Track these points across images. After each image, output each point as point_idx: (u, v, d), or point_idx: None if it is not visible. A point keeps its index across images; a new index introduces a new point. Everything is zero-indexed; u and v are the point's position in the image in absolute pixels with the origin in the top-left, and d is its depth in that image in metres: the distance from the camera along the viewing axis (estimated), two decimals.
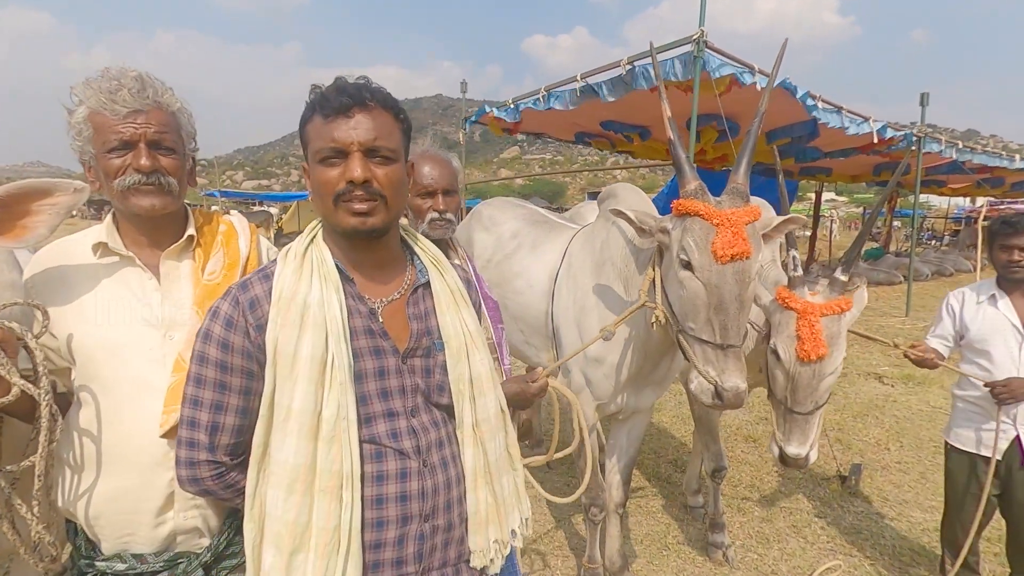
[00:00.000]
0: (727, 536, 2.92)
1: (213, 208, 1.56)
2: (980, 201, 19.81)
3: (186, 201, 1.28)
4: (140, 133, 1.10)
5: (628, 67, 5.00)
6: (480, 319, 1.18)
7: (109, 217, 1.20)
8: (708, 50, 4.51)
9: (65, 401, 1.19)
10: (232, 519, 1.19)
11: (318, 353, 0.94)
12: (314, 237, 1.05)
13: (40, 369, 0.97)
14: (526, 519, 1.16)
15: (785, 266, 2.04)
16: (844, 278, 1.95)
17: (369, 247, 1.04)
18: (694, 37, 4.46)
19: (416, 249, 1.14)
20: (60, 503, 1.15)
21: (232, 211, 1.39)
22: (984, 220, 13.53)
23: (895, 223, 22.47)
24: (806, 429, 1.91)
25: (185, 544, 1.15)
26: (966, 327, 2.30)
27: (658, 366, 2.16)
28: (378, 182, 0.97)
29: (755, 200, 1.77)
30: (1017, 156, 10.21)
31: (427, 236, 1.27)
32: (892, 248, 18.70)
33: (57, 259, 1.16)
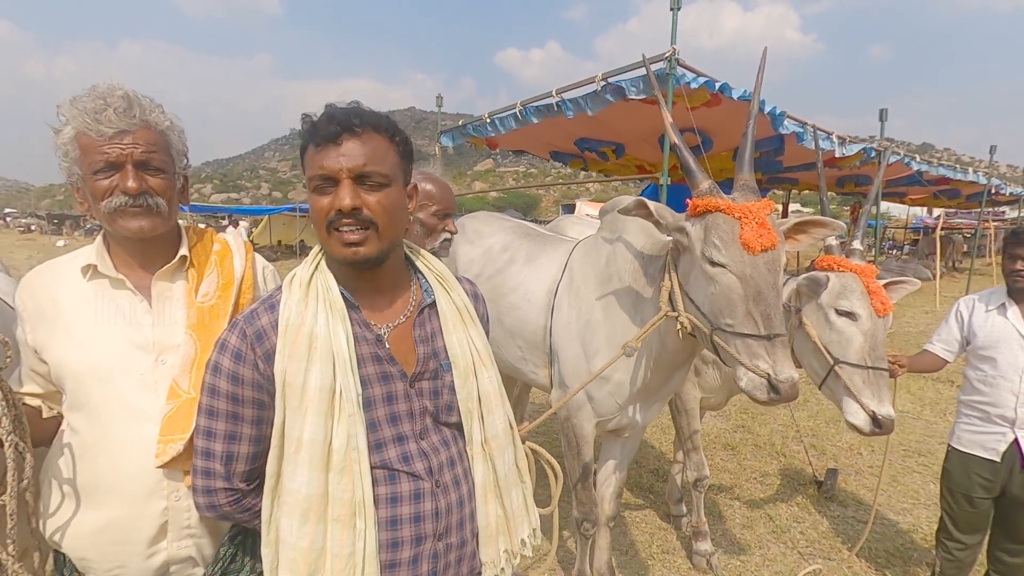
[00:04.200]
0: (710, 544, 2.96)
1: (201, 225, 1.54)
2: (937, 212, 20.53)
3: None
4: (127, 154, 1.07)
5: (603, 83, 5.09)
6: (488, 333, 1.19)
7: (99, 238, 1.17)
8: (680, 67, 4.62)
9: (55, 423, 1.16)
10: (227, 547, 1.16)
11: (326, 384, 0.94)
12: (318, 264, 1.03)
13: (1, 408, 0.95)
14: (535, 529, 1.17)
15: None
16: (862, 247, 2.13)
17: (370, 275, 1.03)
18: (666, 54, 4.56)
19: (421, 267, 1.13)
20: (47, 535, 1.10)
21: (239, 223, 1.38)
22: (941, 231, 14.04)
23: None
24: (888, 387, 1.91)
25: (178, 575, 1.13)
26: (974, 333, 2.34)
27: (669, 379, 2.10)
28: (369, 209, 0.95)
29: None
30: (970, 169, 10.64)
31: (435, 255, 1.27)
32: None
33: (46, 282, 1.13)
